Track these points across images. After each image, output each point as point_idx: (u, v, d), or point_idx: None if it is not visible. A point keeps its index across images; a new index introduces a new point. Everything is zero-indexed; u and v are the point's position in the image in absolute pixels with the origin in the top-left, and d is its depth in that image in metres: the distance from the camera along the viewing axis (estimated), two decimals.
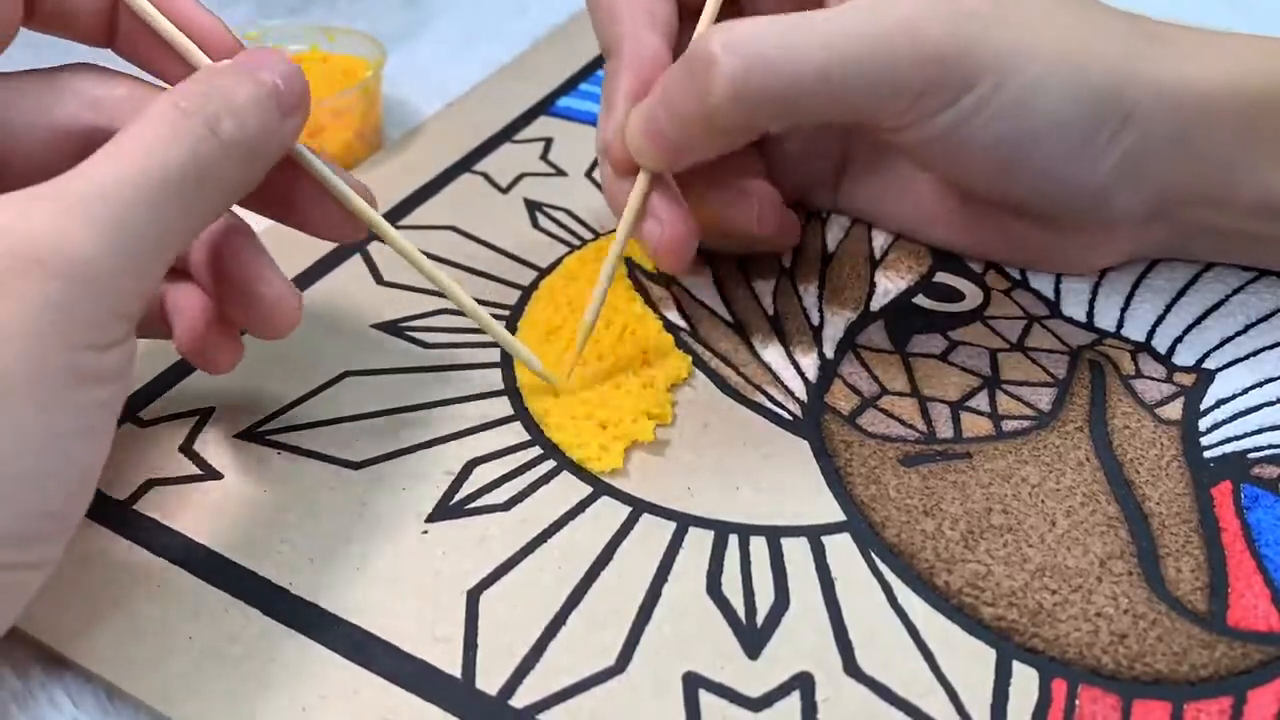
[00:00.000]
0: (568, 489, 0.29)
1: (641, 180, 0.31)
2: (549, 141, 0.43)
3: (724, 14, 0.31)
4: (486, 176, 0.41)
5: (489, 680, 0.25)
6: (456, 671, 0.25)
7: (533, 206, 0.39)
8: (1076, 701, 0.24)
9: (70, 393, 0.21)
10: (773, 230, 0.34)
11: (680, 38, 0.32)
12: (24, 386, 0.20)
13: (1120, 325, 0.34)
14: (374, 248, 0.37)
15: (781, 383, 0.32)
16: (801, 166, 0.36)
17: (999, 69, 0.28)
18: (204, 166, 0.23)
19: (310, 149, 0.27)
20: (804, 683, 0.25)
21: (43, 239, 0.20)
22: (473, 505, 0.29)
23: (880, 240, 0.37)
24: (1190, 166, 0.31)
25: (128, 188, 0.21)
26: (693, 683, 0.25)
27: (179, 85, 0.24)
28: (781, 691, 0.24)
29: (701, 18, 0.31)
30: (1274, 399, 0.31)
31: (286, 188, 0.27)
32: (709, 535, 0.28)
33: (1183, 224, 0.33)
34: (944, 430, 0.30)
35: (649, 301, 0.35)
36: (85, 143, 0.25)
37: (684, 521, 0.28)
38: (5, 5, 0.25)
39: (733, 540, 0.28)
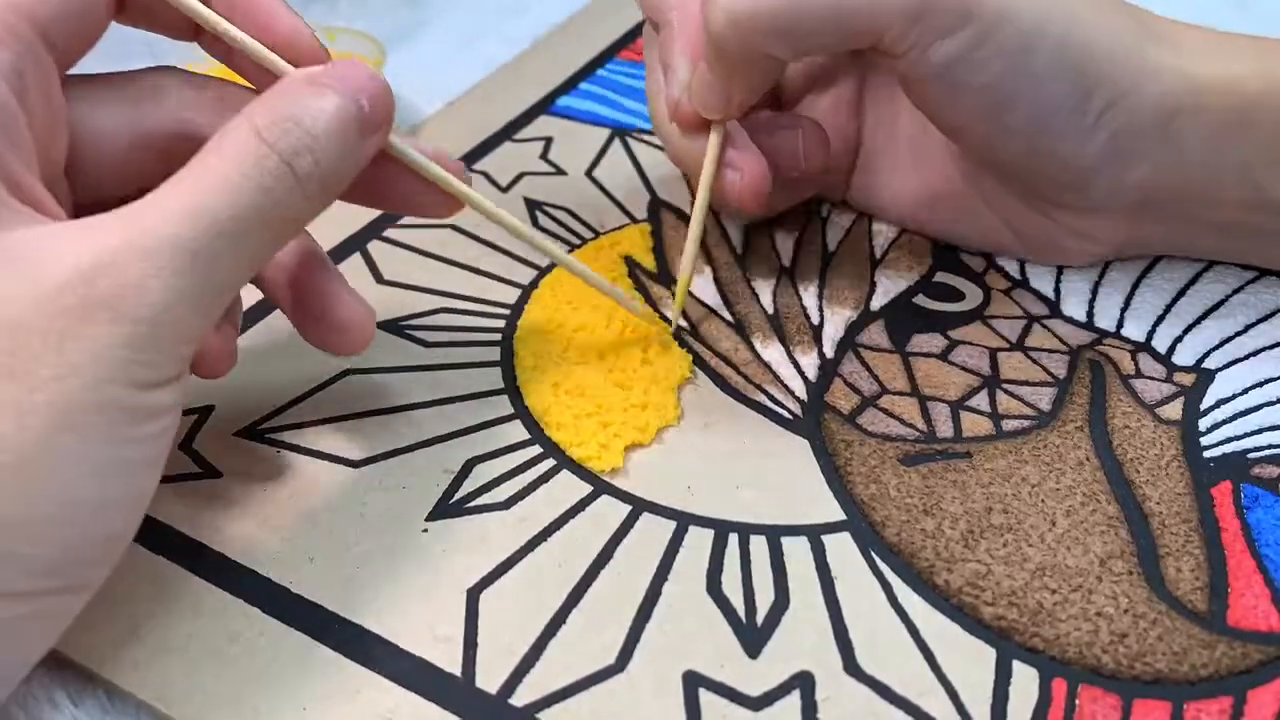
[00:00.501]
0: (568, 488, 0.29)
1: (714, 135, 0.32)
2: (549, 141, 0.43)
3: None
4: (486, 176, 0.41)
5: (489, 679, 0.25)
6: (456, 670, 0.25)
7: (533, 205, 0.39)
8: (1076, 701, 0.24)
9: (133, 426, 0.21)
10: (819, 164, 0.34)
11: None
12: (93, 421, 0.20)
13: (1120, 325, 0.34)
14: (373, 246, 0.37)
15: (782, 382, 0.32)
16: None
17: (1000, 6, 0.29)
18: (278, 203, 0.23)
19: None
20: (804, 682, 0.25)
21: (114, 282, 0.20)
22: (473, 504, 0.29)
23: (881, 240, 0.37)
24: (1176, 158, 0.31)
25: (200, 230, 0.21)
26: (693, 682, 0.25)
27: (258, 106, 0.23)
28: (781, 691, 0.24)
29: None
30: (1274, 399, 0.31)
31: (371, 175, 0.27)
32: (709, 534, 0.28)
33: (1177, 218, 0.33)
34: (944, 430, 0.30)
35: (649, 301, 0.35)
36: (168, 148, 0.25)
37: (684, 520, 0.28)
38: None
39: (733, 539, 0.28)
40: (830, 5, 0.29)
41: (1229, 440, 0.30)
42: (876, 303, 0.35)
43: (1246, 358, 0.32)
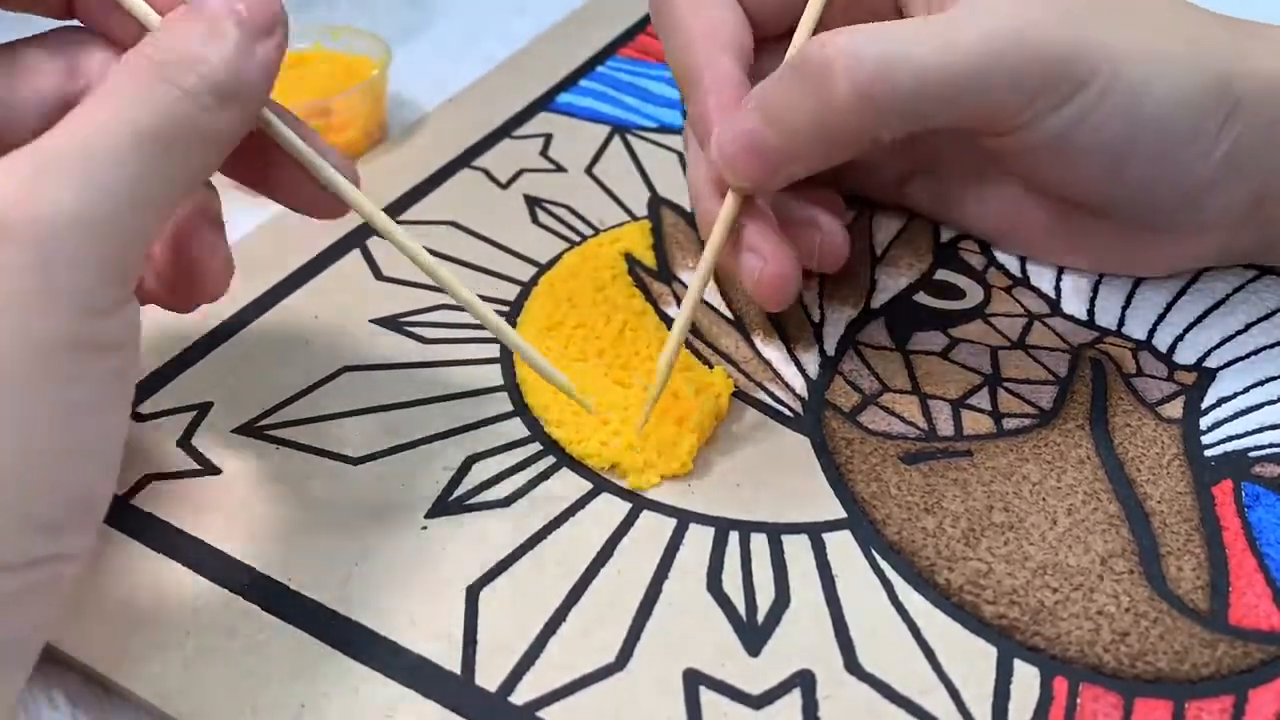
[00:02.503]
0: (567, 485, 0.29)
1: (729, 204, 0.29)
2: (549, 137, 0.43)
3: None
4: (486, 172, 0.41)
5: (488, 677, 0.25)
6: (456, 668, 0.25)
7: (532, 202, 0.39)
8: (1078, 700, 0.24)
9: (73, 363, 0.20)
10: (831, 269, 0.33)
11: (757, 64, 0.32)
12: (21, 360, 0.19)
13: (1121, 323, 0.34)
14: (373, 243, 0.37)
15: (782, 380, 0.32)
16: (866, 171, 0.36)
17: (1113, 64, 0.28)
18: (177, 121, 0.22)
19: (284, 114, 0.26)
20: (805, 680, 0.24)
21: (12, 202, 0.19)
22: (472, 501, 0.28)
23: (881, 237, 0.37)
24: None
25: (96, 146, 0.20)
26: (693, 680, 0.24)
27: (140, 42, 0.23)
28: (782, 689, 0.24)
29: (800, 28, 0.30)
30: (1275, 398, 0.31)
31: (259, 155, 0.26)
32: (709, 532, 0.28)
33: (1273, 224, 0.32)
34: (945, 428, 0.30)
35: (649, 298, 0.35)
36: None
37: (684, 518, 0.28)
38: None
39: (733, 537, 0.28)
40: (959, 86, 0.27)
41: (1230, 439, 0.30)
42: (877, 301, 0.35)
43: (1247, 356, 0.32)
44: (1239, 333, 0.33)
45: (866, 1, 0.32)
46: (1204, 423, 0.30)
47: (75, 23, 0.27)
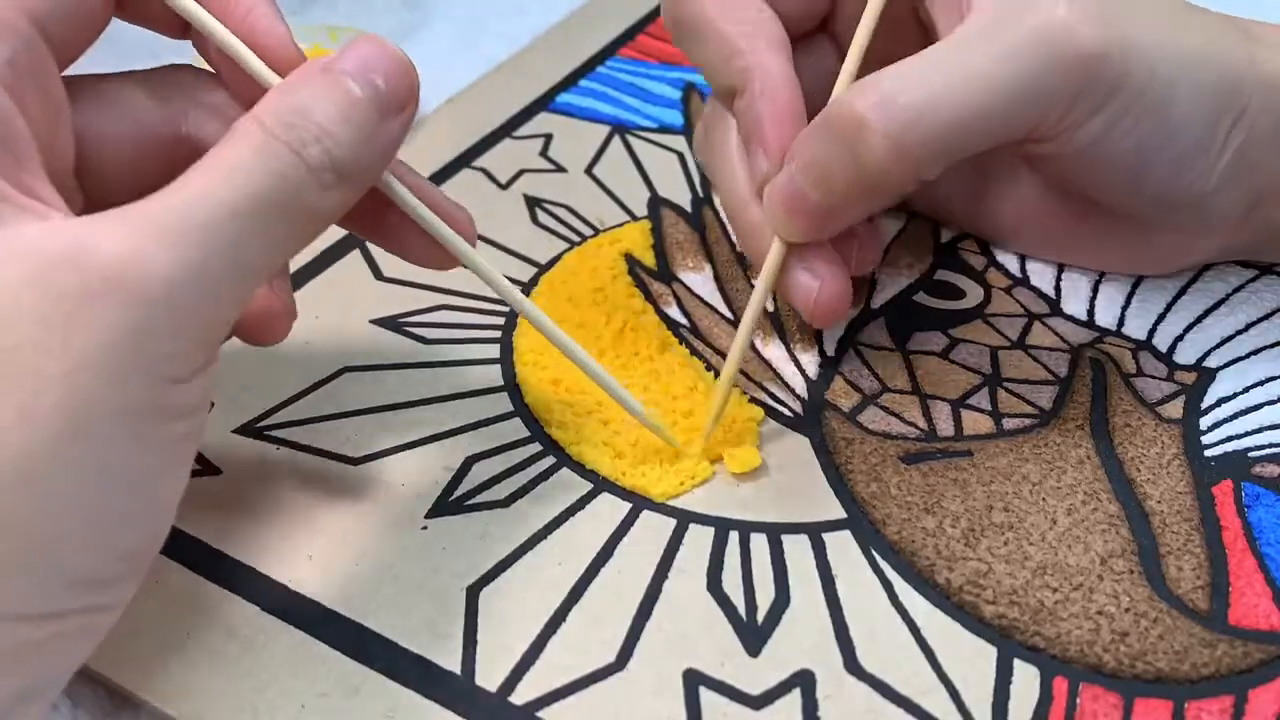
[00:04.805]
0: (567, 485, 0.29)
1: (776, 248, 0.29)
2: (549, 138, 0.43)
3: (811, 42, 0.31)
4: (486, 172, 0.41)
5: (489, 677, 0.25)
6: (456, 668, 0.25)
7: (532, 203, 0.39)
8: (1078, 700, 0.24)
9: (155, 427, 0.20)
10: (867, 271, 0.32)
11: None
12: (110, 421, 0.19)
13: (1121, 323, 0.34)
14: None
15: (782, 380, 0.32)
16: None
17: (1143, 67, 0.27)
18: (292, 193, 0.21)
19: (403, 173, 0.26)
20: (805, 680, 0.24)
21: (121, 260, 0.19)
22: (472, 501, 0.28)
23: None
24: None
25: (210, 214, 0.20)
26: (693, 680, 0.24)
27: (265, 101, 0.22)
28: (782, 689, 0.24)
29: (841, 76, 0.29)
30: (1275, 398, 0.31)
31: (376, 208, 0.25)
32: (709, 532, 0.28)
33: (1270, 223, 0.32)
34: (945, 428, 0.30)
35: (649, 298, 0.35)
36: (171, 154, 0.25)
37: (684, 518, 0.28)
38: None
39: (733, 537, 0.28)
40: (998, 115, 0.27)
41: (1230, 439, 0.30)
42: (877, 301, 0.35)
43: (1247, 356, 0.32)
44: (1239, 333, 0.33)
45: (887, 12, 0.31)
46: (1204, 423, 0.30)
47: (183, 61, 0.27)
